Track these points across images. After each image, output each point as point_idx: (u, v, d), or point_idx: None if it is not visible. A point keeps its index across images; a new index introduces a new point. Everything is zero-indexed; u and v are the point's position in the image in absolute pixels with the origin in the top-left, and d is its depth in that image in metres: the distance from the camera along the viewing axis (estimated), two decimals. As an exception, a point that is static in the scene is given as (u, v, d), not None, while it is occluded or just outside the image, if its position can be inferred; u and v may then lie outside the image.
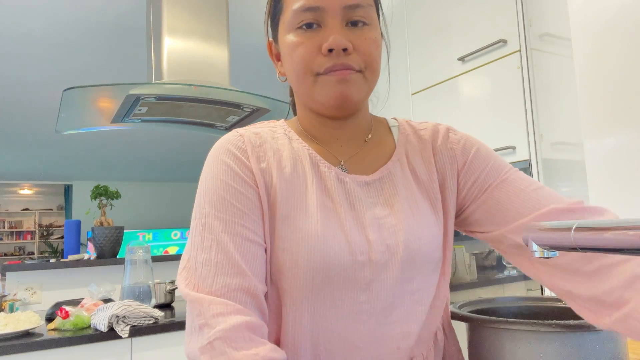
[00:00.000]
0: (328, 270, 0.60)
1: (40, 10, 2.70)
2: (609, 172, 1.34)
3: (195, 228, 0.62)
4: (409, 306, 0.64)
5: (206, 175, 0.65)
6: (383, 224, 0.63)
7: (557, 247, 0.80)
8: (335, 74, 0.62)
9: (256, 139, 0.67)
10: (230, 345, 0.53)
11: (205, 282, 0.58)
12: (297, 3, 0.63)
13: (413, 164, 0.70)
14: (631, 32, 1.30)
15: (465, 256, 1.96)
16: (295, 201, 0.63)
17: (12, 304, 2.07)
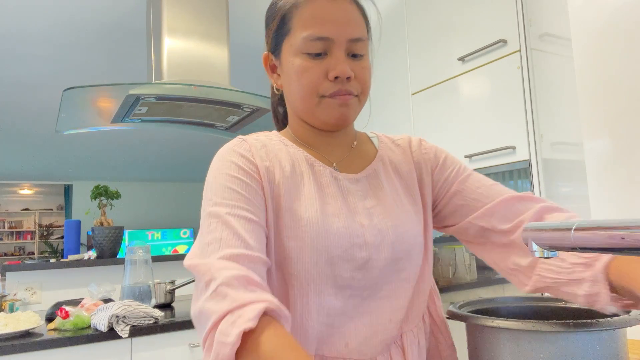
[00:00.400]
0: (330, 252, 0.68)
1: (40, 10, 2.70)
2: (609, 172, 1.34)
3: (203, 217, 0.68)
4: (397, 283, 0.74)
5: (213, 174, 0.72)
6: (373, 212, 0.74)
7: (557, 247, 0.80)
8: (338, 98, 0.73)
9: (258, 143, 0.76)
10: (232, 289, 0.58)
11: (212, 255, 0.62)
12: (308, 31, 0.72)
13: (394, 163, 0.83)
14: (631, 32, 1.30)
15: (465, 256, 1.96)
16: (296, 195, 0.72)
17: (12, 304, 2.07)
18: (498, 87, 1.82)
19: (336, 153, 0.80)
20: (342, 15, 0.73)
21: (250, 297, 0.57)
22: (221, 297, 0.57)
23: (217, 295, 0.58)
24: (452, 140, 2.01)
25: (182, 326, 1.89)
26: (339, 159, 0.79)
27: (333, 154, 0.79)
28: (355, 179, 0.77)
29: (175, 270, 2.72)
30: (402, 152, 0.85)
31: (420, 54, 2.20)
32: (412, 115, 2.23)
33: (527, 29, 1.72)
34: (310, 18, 0.72)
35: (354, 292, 0.71)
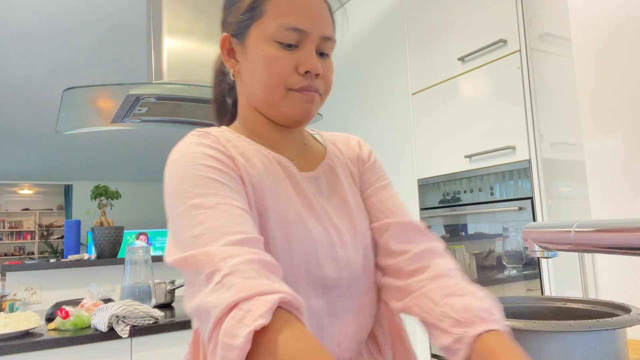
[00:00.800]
0: (317, 254, 0.67)
1: (40, 10, 2.70)
2: (609, 172, 1.34)
3: (182, 213, 0.60)
4: (371, 277, 0.75)
5: (181, 167, 0.64)
6: (339, 212, 0.74)
7: (557, 247, 0.80)
8: (305, 94, 0.70)
9: (222, 135, 0.71)
10: (240, 276, 0.50)
11: (206, 246, 0.55)
12: (284, 19, 0.68)
13: (341, 160, 0.82)
14: (631, 32, 1.30)
15: (465, 256, 1.96)
16: (278, 194, 0.68)
17: (12, 304, 2.07)
18: (498, 87, 1.82)
19: (291, 150, 0.77)
20: (319, 11, 0.71)
21: (260, 286, 0.50)
22: (226, 288, 0.50)
23: (222, 287, 0.50)
24: (452, 140, 2.01)
25: (182, 326, 1.89)
26: (294, 156, 0.76)
27: (288, 150, 0.76)
28: (314, 177, 0.76)
29: (175, 271, 2.71)
30: (346, 147, 0.85)
31: (420, 54, 2.20)
32: (412, 115, 2.23)
33: (527, 29, 1.72)
34: (287, 6, 0.69)
35: (341, 292, 0.70)
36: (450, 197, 2.03)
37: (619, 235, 0.71)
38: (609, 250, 0.74)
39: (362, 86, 2.63)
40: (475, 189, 1.91)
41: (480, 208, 1.88)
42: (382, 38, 2.48)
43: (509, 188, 1.77)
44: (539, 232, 0.80)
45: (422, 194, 2.18)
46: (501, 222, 1.81)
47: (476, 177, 1.91)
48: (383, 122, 2.44)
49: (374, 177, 0.83)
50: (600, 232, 0.73)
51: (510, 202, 1.76)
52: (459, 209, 1.99)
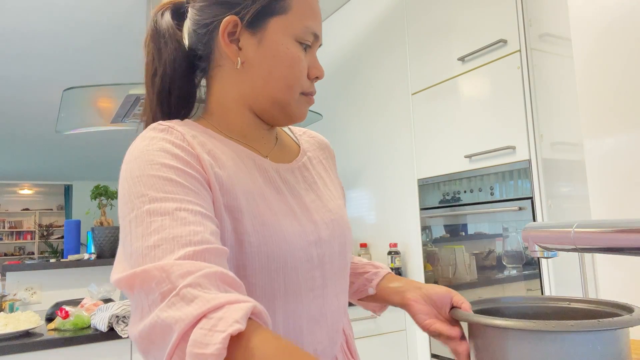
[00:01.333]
0: (292, 254, 0.63)
1: (40, 10, 2.70)
2: (609, 172, 1.34)
3: (136, 218, 0.52)
4: (346, 276, 0.74)
5: (138, 165, 0.57)
6: (317, 206, 0.71)
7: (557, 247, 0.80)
8: (310, 98, 0.71)
9: (187, 130, 0.63)
10: (201, 290, 0.45)
11: (162, 259, 0.48)
12: (309, 21, 0.67)
13: (316, 153, 0.81)
14: (631, 32, 1.30)
15: (465, 256, 1.96)
16: (251, 194, 0.63)
17: (12, 304, 2.07)
18: (498, 87, 1.82)
19: (266, 145, 0.72)
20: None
21: (229, 296, 0.45)
22: (186, 302, 0.44)
23: (180, 300, 0.44)
24: (452, 140, 2.01)
25: (182, 326, 1.89)
26: (269, 151, 0.72)
27: (264, 146, 0.72)
28: (290, 169, 0.72)
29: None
30: (317, 146, 0.83)
31: (420, 54, 2.20)
32: (412, 115, 2.23)
33: (527, 29, 1.72)
34: (309, 9, 0.67)
35: (316, 293, 0.67)
36: (450, 197, 2.03)
37: (619, 235, 0.71)
38: (609, 250, 0.74)
39: (362, 86, 2.63)
40: (475, 189, 1.91)
41: (480, 208, 1.88)
42: (382, 38, 2.48)
43: (509, 188, 1.77)
44: (539, 232, 0.80)
45: (422, 194, 2.18)
46: (501, 222, 1.81)
47: (476, 177, 1.91)
48: (383, 122, 2.44)
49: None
50: (600, 232, 0.73)
51: (510, 202, 1.76)
52: (459, 209, 1.99)
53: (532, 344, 0.56)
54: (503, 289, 1.80)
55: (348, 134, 2.71)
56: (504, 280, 1.80)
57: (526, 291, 1.70)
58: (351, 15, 2.75)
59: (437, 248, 2.10)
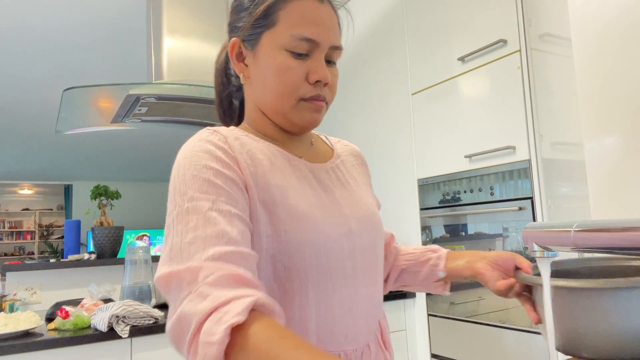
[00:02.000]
0: (326, 244, 0.68)
1: (40, 10, 2.70)
2: (609, 172, 1.34)
3: (177, 217, 0.61)
4: (378, 269, 0.78)
5: (184, 166, 0.65)
6: (348, 202, 0.76)
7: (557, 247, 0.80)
8: (314, 103, 0.73)
9: (230, 134, 0.72)
10: (215, 288, 0.52)
11: (196, 256, 0.56)
12: (297, 30, 0.70)
13: (350, 161, 0.86)
14: (631, 32, 1.30)
15: (465, 256, 1.96)
16: (283, 189, 0.69)
17: (12, 304, 2.07)
18: (498, 87, 1.82)
19: (299, 148, 0.79)
20: (329, 20, 0.73)
21: (235, 293, 0.52)
22: (201, 298, 0.52)
23: (198, 297, 0.52)
24: (452, 140, 2.01)
25: (182, 326, 1.89)
26: (303, 153, 0.79)
27: (297, 148, 0.79)
28: (325, 168, 0.79)
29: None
30: (350, 153, 0.89)
31: (420, 54, 2.20)
32: (412, 115, 2.23)
33: (527, 29, 1.72)
34: (300, 16, 0.70)
35: (347, 282, 0.71)
36: (450, 197, 2.03)
37: (619, 235, 0.71)
38: (609, 250, 0.74)
39: (362, 86, 2.63)
40: (475, 189, 1.91)
41: (480, 208, 1.88)
42: (382, 38, 2.48)
43: (509, 188, 1.77)
44: (539, 232, 0.80)
45: (422, 194, 2.18)
46: (501, 222, 1.81)
47: (476, 177, 1.91)
48: (383, 122, 2.44)
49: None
50: (600, 232, 0.73)
51: (510, 202, 1.76)
52: (459, 209, 1.99)
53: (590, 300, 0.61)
54: (503, 289, 1.80)
55: (348, 134, 2.71)
56: (504, 280, 1.80)
57: (526, 291, 1.70)
58: (351, 15, 2.75)
59: (437, 248, 2.10)
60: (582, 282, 0.64)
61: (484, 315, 1.86)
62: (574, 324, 0.64)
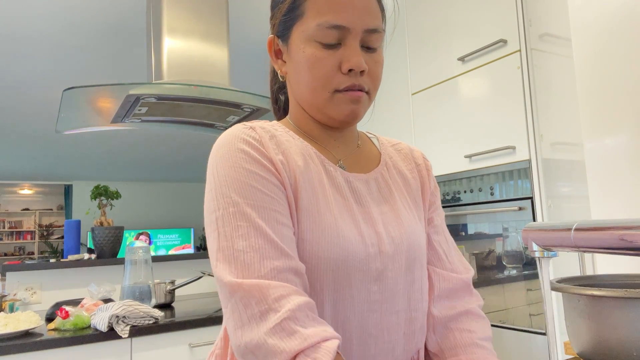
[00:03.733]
0: (346, 262, 0.63)
1: (40, 10, 2.70)
2: (609, 172, 1.34)
3: (223, 218, 0.61)
4: (412, 294, 0.70)
5: (223, 165, 0.64)
6: (386, 219, 0.70)
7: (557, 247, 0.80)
8: (350, 94, 0.67)
9: (266, 133, 0.69)
10: (298, 324, 0.54)
11: (252, 267, 0.58)
12: (323, 18, 0.66)
13: (398, 168, 0.79)
14: (631, 32, 1.30)
15: (465, 256, 1.96)
16: (314, 194, 0.66)
17: (12, 304, 2.07)
18: (498, 87, 1.82)
19: (342, 150, 0.75)
20: (360, 2, 0.67)
21: (319, 333, 0.54)
22: (287, 334, 0.54)
23: (282, 331, 0.54)
24: (452, 140, 2.01)
25: (182, 326, 1.89)
26: (345, 156, 0.74)
27: (338, 150, 0.74)
28: (365, 180, 0.72)
29: (175, 270, 2.72)
30: (403, 158, 0.82)
31: (420, 54, 2.20)
32: (412, 115, 2.23)
33: (527, 29, 1.72)
34: (326, 3, 0.66)
35: (372, 307, 0.66)
36: (450, 197, 2.03)
37: (619, 235, 0.71)
38: (609, 251, 0.74)
39: (362, 86, 2.63)
40: (475, 189, 1.91)
41: (480, 208, 1.88)
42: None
43: (509, 188, 1.77)
44: (539, 232, 0.80)
45: (422, 194, 2.17)
46: (501, 222, 1.81)
47: (476, 177, 1.91)
48: (383, 122, 2.44)
49: (435, 204, 0.82)
50: (600, 232, 0.73)
51: (510, 202, 1.76)
52: (459, 209, 1.99)
53: (612, 308, 0.64)
54: (503, 289, 1.80)
55: (348, 134, 2.71)
56: (504, 280, 1.80)
57: (526, 291, 1.70)
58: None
59: (437, 248, 2.10)
60: (605, 291, 0.66)
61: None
62: (597, 331, 0.66)
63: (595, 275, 0.84)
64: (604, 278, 0.83)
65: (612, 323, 0.66)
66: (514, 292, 1.75)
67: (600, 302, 0.67)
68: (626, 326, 0.65)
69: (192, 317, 1.95)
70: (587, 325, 0.69)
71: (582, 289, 0.70)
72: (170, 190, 9.49)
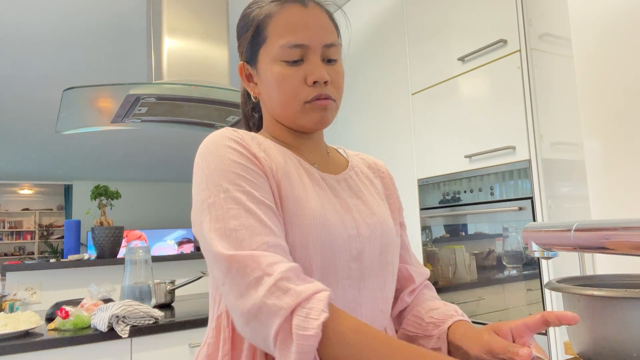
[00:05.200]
0: (332, 242, 0.71)
1: (40, 10, 2.70)
2: (609, 172, 1.34)
3: (215, 203, 0.67)
4: (385, 275, 0.79)
5: (212, 159, 0.70)
6: (360, 209, 0.79)
7: (557, 247, 0.80)
8: (318, 103, 0.76)
9: (247, 134, 0.77)
10: (291, 282, 0.60)
11: (244, 242, 0.63)
12: (285, 39, 0.74)
13: (365, 173, 0.88)
14: (631, 32, 1.30)
15: (465, 256, 1.96)
16: (295, 185, 0.73)
17: (12, 304, 2.07)
18: (498, 87, 1.82)
19: (314, 154, 0.83)
20: (315, 22, 0.76)
21: (310, 288, 0.59)
22: (282, 292, 0.59)
23: (278, 290, 0.59)
24: (452, 140, 2.01)
25: (182, 326, 1.89)
26: (317, 160, 0.83)
27: (311, 154, 0.83)
28: (336, 179, 0.81)
29: (175, 271, 2.72)
30: (368, 166, 0.91)
31: (420, 54, 2.20)
32: (412, 115, 2.23)
33: (527, 29, 1.72)
34: (285, 26, 0.75)
35: (352, 283, 0.73)
36: (450, 197, 2.03)
37: (619, 235, 0.71)
38: (609, 251, 0.74)
39: (362, 86, 2.63)
40: (475, 189, 1.91)
41: (480, 208, 1.89)
42: (382, 38, 2.48)
43: (509, 188, 1.77)
44: (539, 232, 0.80)
45: (422, 194, 2.18)
46: (501, 222, 1.81)
47: (476, 177, 1.91)
48: (383, 122, 2.44)
49: (401, 209, 0.92)
50: (600, 232, 0.73)
51: (510, 202, 1.76)
52: (459, 209, 1.99)
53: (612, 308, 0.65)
54: (503, 289, 1.80)
55: (348, 134, 2.71)
56: (504, 280, 1.80)
57: (526, 291, 1.70)
58: (351, 16, 2.75)
59: (437, 248, 2.10)
60: (605, 291, 0.67)
61: (484, 315, 1.86)
62: (597, 331, 0.67)
63: (595, 275, 0.84)
64: (604, 278, 0.83)
65: (612, 323, 0.66)
66: (514, 292, 1.75)
67: (600, 302, 0.68)
68: (626, 326, 0.64)
69: (192, 317, 1.95)
70: (587, 325, 0.69)
71: (582, 289, 0.70)
72: (170, 190, 9.49)
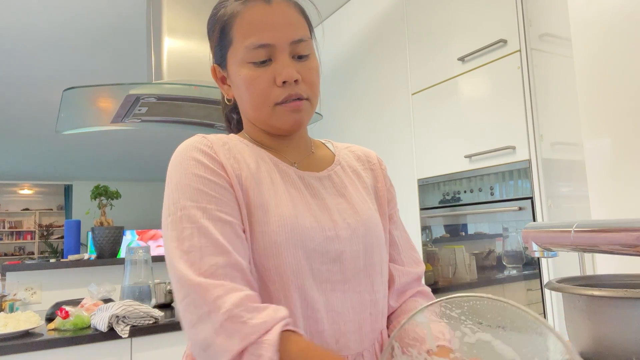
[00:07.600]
0: (305, 246, 0.68)
1: (40, 10, 2.70)
2: (609, 172, 1.34)
3: (173, 223, 0.65)
4: (373, 277, 0.76)
5: (176, 173, 0.69)
6: (341, 208, 0.75)
7: (557, 247, 0.80)
8: (290, 105, 0.72)
9: (219, 140, 0.74)
10: (238, 321, 0.57)
11: (195, 265, 0.61)
12: (249, 40, 0.71)
13: (352, 167, 0.85)
14: (631, 32, 1.30)
15: (465, 256, 1.96)
16: (265, 191, 0.71)
17: (12, 304, 2.07)
18: (498, 87, 1.82)
19: (295, 154, 0.80)
20: (280, 18, 0.72)
21: (259, 326, 0.57)
22: (229, 334, 0.57)
23: (225, 331, 0.57)
24: (452, 140, 2.01)
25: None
26: (299, 160, 0.80)
27: (292, 154, 0.80)
28: (318, 177, 0.78)
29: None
30: (357, 159, 0.88)
31: (420, 54, 2.20)
32: (412, 115, 2.23)
33: (527, 29, 1.72)
34: (248, 26, 0.71)
35: (335, 286, 0.71)
36: (450, 197, 2.03)
37: (619, 235, 0.71)
38: (609, 250, 0.74)
39: (362, 86, 2.63)
40: (475, 189, 1.91)
41: (480, 208, 1.89)
42: (382, 38, 2.48)
43: (509, 188, 1.77)
44: (539, 232, 0.80)
45: (422, 194, 2.18)
46: (501, 222, 1.81)
47: (476, 177, 1.91)
48: (383, 122, 2.44)
49: (393, 201, 0.88)
50: (600, 232, 0.74)
51: (510, 202, 1.76)
52: (459, 209, 1.99)
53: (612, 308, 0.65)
54: (503, 289, 1.80)
55: (348, 134, 2.71)
56: (504, 280, 1.80)
57: (526, 291, 1.70)
58: (351, 15, 2.75)
59: (437, 248, 2.10)
60: (605, 291, 0.67)
61: (484, 315, 1.85)
62: (597, 331, 0.67)
63: (595, 275, 0.84)
64: (604, 278, 0.83)
65: (612, 323, 0.66)
66: (514, 292, 1.75)
67: (600, 302, 0.68)
68: (626, 326, 0.65)
69: (192, 317, 1.95)
70: (587, 325, 0.69)
71: (582, 289, 0.70)
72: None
